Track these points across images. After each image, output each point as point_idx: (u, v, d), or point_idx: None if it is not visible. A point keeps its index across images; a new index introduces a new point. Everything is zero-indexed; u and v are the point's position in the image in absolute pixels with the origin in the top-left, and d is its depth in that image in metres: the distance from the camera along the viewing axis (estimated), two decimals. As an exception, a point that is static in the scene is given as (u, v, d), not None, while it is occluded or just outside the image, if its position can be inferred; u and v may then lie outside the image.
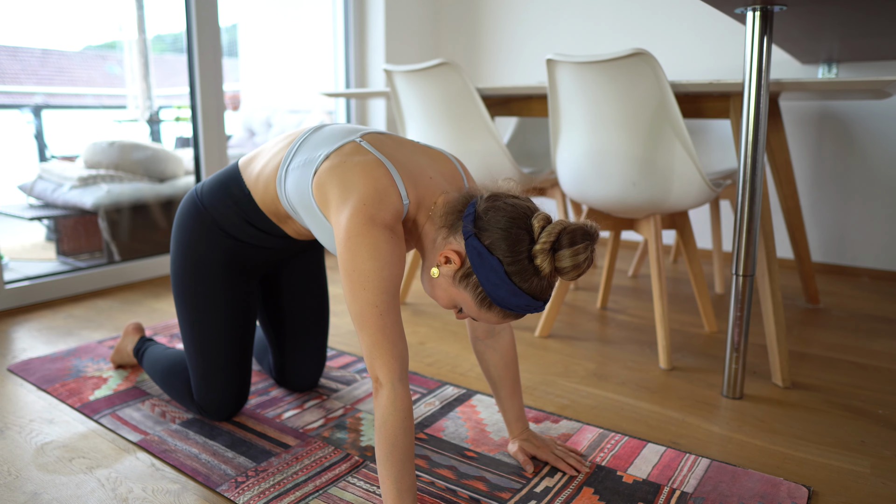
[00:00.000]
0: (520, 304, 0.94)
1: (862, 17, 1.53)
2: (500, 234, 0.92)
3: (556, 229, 0.91)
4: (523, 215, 0.94)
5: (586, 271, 0.94)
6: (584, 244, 0.91)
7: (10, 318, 2.09)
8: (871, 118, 2.64)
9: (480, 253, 0.93)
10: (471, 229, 0.95)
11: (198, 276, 1.28)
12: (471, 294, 0.97)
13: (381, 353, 0.96)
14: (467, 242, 0.95)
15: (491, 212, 0.95)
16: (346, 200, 0.99)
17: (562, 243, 0.91)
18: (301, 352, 1.49)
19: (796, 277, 2.73)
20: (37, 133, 2.78)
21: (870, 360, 1.81)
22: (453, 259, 0.96)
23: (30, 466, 1.21)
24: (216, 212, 1.26)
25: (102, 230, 2.65)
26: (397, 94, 2.23)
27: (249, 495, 1.11)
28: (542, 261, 0.91)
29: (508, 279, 0.92)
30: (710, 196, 1.75)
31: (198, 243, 1.28)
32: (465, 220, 0.96)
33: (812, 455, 1.29)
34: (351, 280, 0.96)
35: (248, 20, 4.38)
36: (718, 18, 2.89)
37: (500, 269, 0.92)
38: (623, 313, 2.21)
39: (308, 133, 1.16)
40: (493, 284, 0.93)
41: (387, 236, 0.97)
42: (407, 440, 0.96)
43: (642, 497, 1.12)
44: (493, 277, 0.93)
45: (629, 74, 1.60)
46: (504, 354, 1.22)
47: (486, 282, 0.93)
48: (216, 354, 1.31)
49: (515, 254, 0.92)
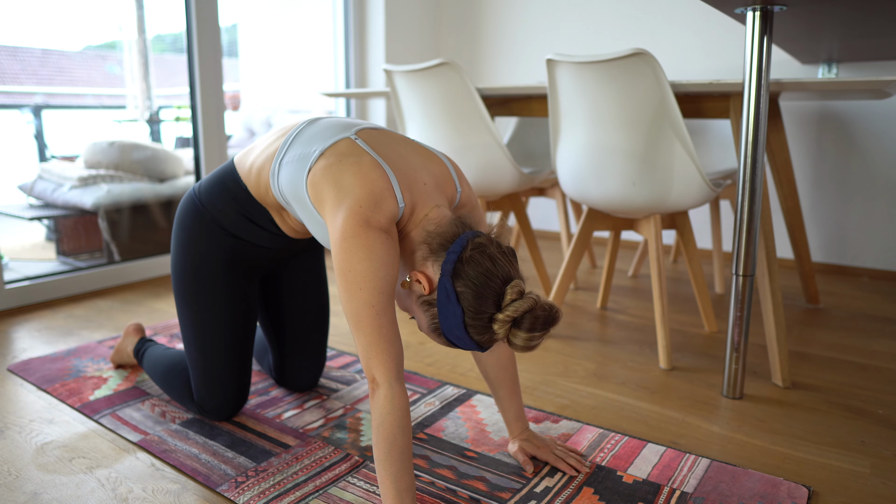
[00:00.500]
0: (464, 346, 0.99)
1: (862, 17, 1.53)
2: (472, 287, 0.95)
3: (523, 308, 0.94)
4: (501, 279, 0.96)
5: (534, 349, 0.99)
6: (542, 332, 0.95)
7: (10, 318, 2.09)
8: (871, 118, 2.64)
9: (449, 295, 0.96)
10: (449, 269, 0.97)
11: (198, 276, 1.28)
12: (427, 318, 1.01)
13: (378, 352, 0.96)
14: (441, 280, 0.97)
15: (473, 263, 0.96)
16: (342, 202, 1.00)
17: (522, 324, 0.94)
18: (301, 352, 1.49)
19: (796, 277, 2.73)
20: (37, 133, 2.78)
21: (870, 360, 1.81)
22: (424, 284, 1.00)
23: (30, 466, 1.21)
24: (214, 209, 1.26)
25: (102, 230, 2.65)
26: (397, 94, 2.23)
27: (249, 495, 1.11)
28: (500, 328, 0.95)
29: (464, 328, 0.96)
30: (710, 196, 1.75)
31: (197, 242, 1.28)
32: (448, 257, 0.98)
33: (812, 455, 1.29)
34: (346, 280, 0.97)
35: (248, 20, 4.38)
36: (718, 18, 2.89)
37: (460, 317, 0.96)
38: (623, 313, 2.21)
39: (302, 126, 1.16)
40: (449, 325, 0.97)
41: (382, 238, 0.98)
42: (405, 439, 0.96)
43: (642, 497, 1.12)
44: (452, 320, 0.96)
45: (629, 74, 1.60)
46: (500, 355, 1.22)
47: (444, 320, 0.98)
48: (216, 354, 1.31)
49: (478, 312, 0.95)
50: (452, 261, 0.97)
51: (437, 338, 1.02)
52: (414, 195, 1.06)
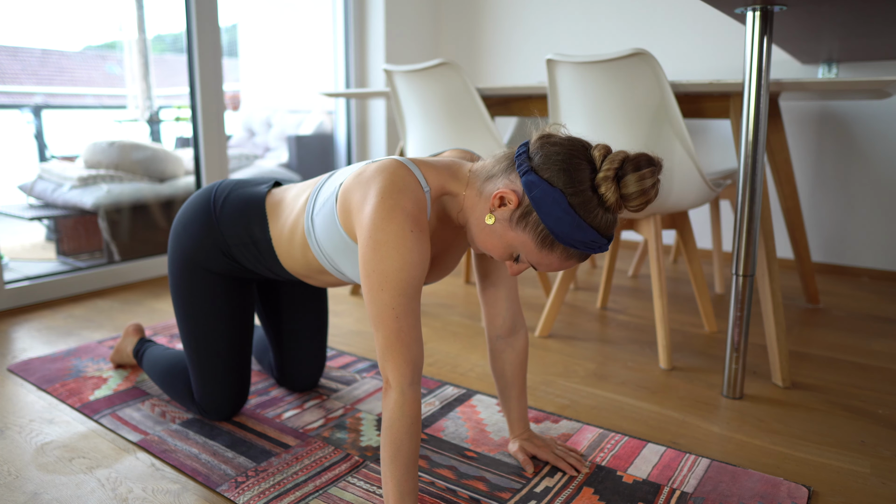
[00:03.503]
0: (584, 240, 0.88)
1: (862, 17, 1.53)
2: (559, 165, 0.87)
3: (619, 157, 0.87)
4: (581, 147, 0.90)
5: (653, 200, 0.89)
6: (650, 169, 0.87)
7: (10, 318, 2.09)
8: (871, 118, 2.64)
9: (540, 185, 0.87)
10: (526, 166, 0.89)
11: (194, 279, 1.28)
12: (531, 234, 0.91)
13: (394, 355, 0.94)
14: (524, 179, 0.89)
15: (546, 147, 0.89)
16: (366, 197, 0.97)
17: (626, 170, 0.87)
18: (301, 352, 1.49)
19: (796, 277, 2.73)
20: (37, 133, 2.78)
21: (870, 360, 1.81)
22: (509, 199, 0.91)
23: (30, 466, 1.21)
24: (230, 238, 1.24)
25: (102, 230, 2.65)
26: (397, 94, 2.23)
27: (249, 495, 1.11)
28: (607, 189, 0.86)
29: (573, 211, 0.86)
30: (710, 196, 1.75)
31: (198, 252, 1.27)
32: (519, 160, 0.92)
33: (812, 455, 1.29)
34: (370, 280, 0.94)
35: (248, 20, 4.38)
36: (718, 18, 2.89)
37: (563, 200, 0.86)
38: (623, 313, 2.21)
39: (324, 179, 1.15)
40: (556, 219, 0.87)
41: (410, 225, 0.93)
42: (412, 445, 0.96)
43: (642, 497, 1.12)
44: (556, 211, 0.87)
45: (629, 74, 1.60)
46: (520, 353, 1.22)
47: (548, 217, 0.87)
48: (214, 355, 1.31)
49: (577, 183, 0.86)
50: (525, 160, 0.90)
51: (551, 252, 0.91)
52: (440, 177, 1.01)
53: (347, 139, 3.60)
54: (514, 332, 1.21)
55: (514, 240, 0.94)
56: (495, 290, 1.19)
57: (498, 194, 0.92)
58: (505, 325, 1.20)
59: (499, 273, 1.18)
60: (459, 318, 2.15)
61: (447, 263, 1.16)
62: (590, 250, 0.91)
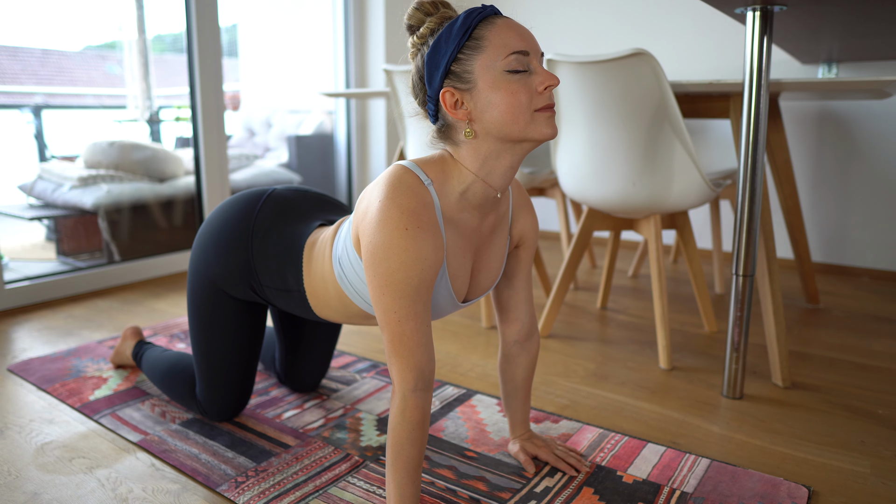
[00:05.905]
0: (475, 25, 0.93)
1: (862, 17, 1.53)
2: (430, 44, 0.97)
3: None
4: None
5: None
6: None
7: (10, 318, 2.09)
8: (871, 118, 2.64)
9: (439, 62, 0.94)
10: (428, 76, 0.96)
11: (216, 300, 1.28)
12: (483, 81, 0.92)
13: (397, 360, 0.94)
14: (437, 76, 0.94)
15: (420, 51, 1.00)
16: (368, 208, 0.96)
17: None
18: (311, 354, 1.49)
19: (796, 277, 2.73)
20: (37, 133, 2.78)
21: (870, 360, 1.81)
22: (449, 95, 0.94)
23: (30, 466, 1.21)
24: (263, 278, 1.22)
25: (102, 230, 2.65)
26: (397, 94, 2.23)
27: (249, 495, 1.11)
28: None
29: (452, 35, 0.94)
30: (710, 196, 1.75)
31: (225, 280, 1.25)
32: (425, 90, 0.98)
33: (812, 455, 1.29)
34: (372, 285, 0.94)
35: (248, 20, 4.38)
36: (718, 18, 2.89)
37: (442, 43, 0.94)
38: (623, 313, 2.21)
39: (346, 221, 1.13)
40: (454, 46, 0.93)
41: (406, 223, 0.91)
42: (413, 450, 0.95)
43: (642, 497, 1.12)
44: (452, 49, 0.93)
45: (629, 74, 1.60)
46: (534, 357, 1.22)
47: (456, 55, 0.93)
48: (223, 366, 1.31)
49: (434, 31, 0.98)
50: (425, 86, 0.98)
51: (495, 64, 0.91)
52: (444, 167, 0.99)
53: (347, 139, 3.60)
54: (529, 337, 1.21)
55: (491, 100, 0.92)
56: (515, 293, 1.18)
57: (444, 103, 0.94)
58: (523, 330, 1.20)
59: (520, 275, 1.17)
60: (459, 317, 2.15)
61: (490, 264, 1.09)
62: (485, 13, 0.94)
